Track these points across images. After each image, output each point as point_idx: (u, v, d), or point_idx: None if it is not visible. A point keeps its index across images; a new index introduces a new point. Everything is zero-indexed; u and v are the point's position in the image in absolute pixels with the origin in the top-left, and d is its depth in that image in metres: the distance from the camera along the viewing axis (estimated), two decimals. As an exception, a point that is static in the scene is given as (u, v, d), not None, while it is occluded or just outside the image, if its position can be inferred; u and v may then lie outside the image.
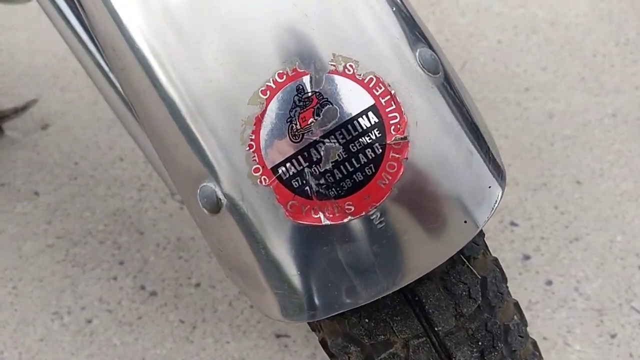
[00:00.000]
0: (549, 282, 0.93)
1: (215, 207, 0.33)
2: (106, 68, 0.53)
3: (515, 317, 0.39)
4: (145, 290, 0.94)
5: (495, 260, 0.40)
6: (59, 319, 0.92)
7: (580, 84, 1.24)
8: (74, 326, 0.91)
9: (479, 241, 0.38)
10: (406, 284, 0.33)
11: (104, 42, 0.35)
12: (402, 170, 0.31)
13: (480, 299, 0.36)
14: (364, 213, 0.31)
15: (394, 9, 0.34)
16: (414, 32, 0.35)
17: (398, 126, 0.31)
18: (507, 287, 0.39)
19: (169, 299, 0.93)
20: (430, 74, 0.33)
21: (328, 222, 0.31)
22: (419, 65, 0.33)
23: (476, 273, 0.36)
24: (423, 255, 0.33)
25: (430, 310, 0.35)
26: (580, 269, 0.94)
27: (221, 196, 0.33)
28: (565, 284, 0.92)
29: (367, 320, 0.35)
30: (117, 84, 0.51)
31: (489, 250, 0.39)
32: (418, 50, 0.34)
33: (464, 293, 0.35)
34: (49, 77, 1.32)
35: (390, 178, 0.31)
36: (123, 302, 0.93)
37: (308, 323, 0.41)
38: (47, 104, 1.26)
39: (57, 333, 0.90)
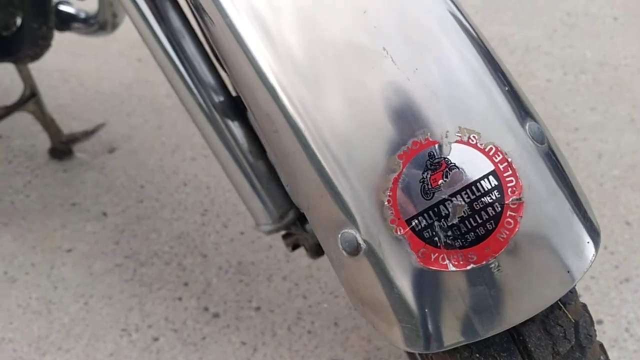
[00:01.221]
0: (600, 322, 0.95)
1: (355, 250, 0.38)
2: (206, 109, 0.58)
3: (601, 357, 0.43)
4: (209, 312, 0.99)
5: (584, 306, 0.44)
6: (128, 335, 0.97)
7: (629, 125, 1.26)
8: (141, 343, 0.96)
9: (573, 289, 0.42)
10: (515, 325, 0.38)
11: (257, 108, 0.40)
12: (517, 226, 0.37)
13: (574, 340, 0.40)
14: (484, 262, 0.36)
15: (507, 88, 0.40)
16: (523, 107, 0.40)
17: (514, 189, 0.37)
18: (594, 330, 0.43)
19: (231, 321, 0.98)
20: (538, 144, 0.39)
21: (453, 269, 0.36)
22: (529, 137, 0.39)
23: (570, 317, 0.40)
24: (531, 300, 0.38)
25: (532, 349, 0.40)
26: (631, 310, 0.96)
27: (361, 242, 0.38)
28: (616, 324, 0.94)
29: (477, 354, 0.40)
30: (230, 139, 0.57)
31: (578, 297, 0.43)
32: (527, 124, 0.39)
33: (561, 334, 0.40)
34: (115, 103, 1.39)
35: (507, 233, 0.37)
36: (188, 322, 0.98)
37: (419, 354, 0.46)
38: (114, 128, 1.33)
39: (126, 349, 0.95)
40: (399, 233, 0.37)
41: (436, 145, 0.37)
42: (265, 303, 1.00)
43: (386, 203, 0.36)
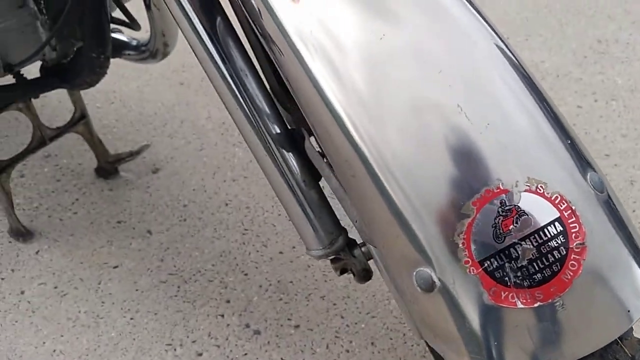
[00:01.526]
0: None
1: (429, 287, 0.42)
2: (264, 140, 0.62)
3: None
4: (250, 329, 1.03)
5: (639, 341, 0.47)
6: (172, 350, 1.01)
7: (660, 152, 1.28)
8: (185, 358, 1.00)
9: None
10: (578, 358, 0.41)
11: (336, 154, 0.44)
12: (581, 268, 0.41)
13: (630, 373, 0.44)
14: (549, 300, 0.40)
15: (569, 142, 0.44)
16: (584, 159, 0.44)
17: (578, 234, 0.41)
18: (648, 364, 0.46)
19: (272, 338, 1.01)
20: (598, 193, 0.43)
21: (522, 306, 0.40)
22: (590, 186, 0.43)
23: (627, 352, 0.44)
24: (592, 336, 0.41)
25: (591, 380, 0.43)
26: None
27: (435, 280, 0.41)
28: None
29: (540, 385, 0.43)
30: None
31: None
32: (589, 174, 0.43)
33: (618, 368, 0.43)
34: (158, 124, 1.45)
35: (571, 274, 0.40)
36: (230, 338, 1.02)
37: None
38: (157, 149, 1.38)
39: (171, 363, 0.99)
40: (472, 273, 0.41)
41: (507, 194, 0.41)
42: (304, 321, 1.04)
43: (461, 245, 0.40)
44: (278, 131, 0.63)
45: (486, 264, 0.41)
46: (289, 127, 0.64)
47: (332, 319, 1.04)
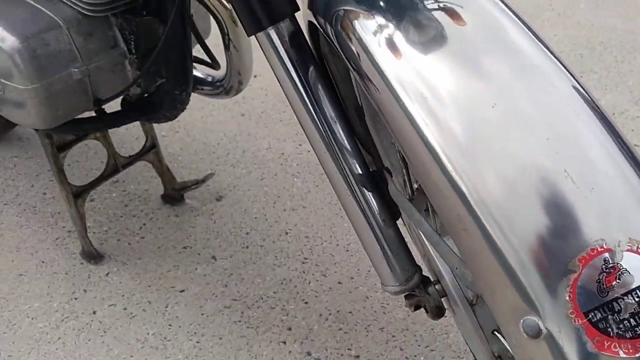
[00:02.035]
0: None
1: (536, 334, 0.45)
2: (348, 180, 0.66)
3: None
4: (311, 357, 1.06)
5: None
6: (237, 374, 1.05)
7: None
8: (249, 382, 1.04)
9: None
10: None
11: (449, 210, 0.48)
12: None
13: None
14: None
15: None
16: None
17: None
18: None
19: (332, 367, 1.04)
20: None
21: (624, 355, 0.43)
22: None
23: None
24: None
25: None
26: None
27: (542, 328, 0.45)
28: None
29: None
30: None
31: None
32: None
33: None
34: (221, 153, 1.51)
35: None
36: (292, 365, 1.05)
37: None
38: (220, 178, 1.44)
39: (235, 387, 1.03)
40: (577, 323, 0.44)
41: (610, 253, 0.45)
42: (364, 352, 1.07)
43: (567, 298, 0.43)
44: (360, 172, 0.67)
45: (590, 315, 0.44)
46: (371, 169, 0.68)
47: (391, 350, 1.07)
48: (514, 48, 0.53)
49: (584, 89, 0.51)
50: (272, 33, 0.62)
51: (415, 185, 0.72)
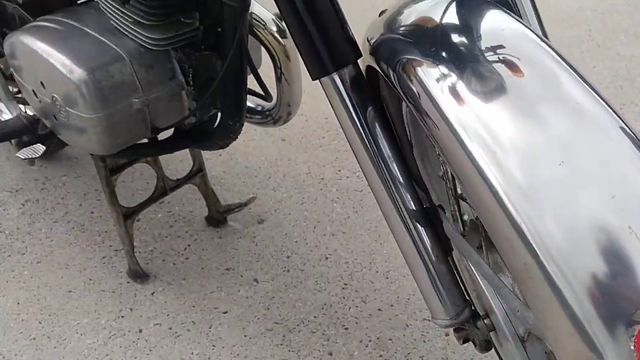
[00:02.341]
0: None
1: None
2: (402, 215, 0.69)
3: None
4: (352, 382, 1.08)
5: None
6: (278, 396, 1.07)
7: None
8: (290, 405, 1.06)
9: None
10: None
11: (515, 258, 0.50)
12: None
13: None
14: None
15: None
16: None
17: None
18: None
19: (372, 393, 1.06)
20: None
21: None
22: None
23: None
24: None
25: None
26: None
27: None
28: None
29: None
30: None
31: None
32: None
33: None
34: (262, 177, 1.55)
35: None
36: (333, 389, 1.07)
37: None
38: (262, 201, 1.47)
39: (277, 409, 1.05)
40: None
41: None
42: (403, 379, 1.08)
43: (632, 347, 0.45)
44: (414, 208, 0.69)
45: None
46: (424, 205, 0.70)
47: (431, 378, 1.08)
48: (570, 98, 0.56)
49: (638, 138, 0.53)
50: (336, 78, 0.65)
51: (467, 220, 0.75)
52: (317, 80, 0.67)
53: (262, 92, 1.04)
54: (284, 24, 1.01)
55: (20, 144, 1.09)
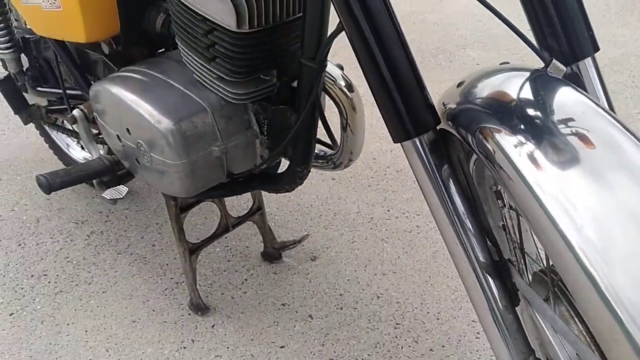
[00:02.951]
0: None
1: None
2: (474, 266, 0.75)
3: None
4: (406, 419, 1.13)
5: None
6: None
7: None
8: None
9: None
10: None
11: (599, 321, 0.55)
12: None
13: None
14: None
15: None
16: None
17: None
18: None
19: None
20: None
21: None
22: None
23: None
24: None
25: None
26: None
27: None
28: None
29: None
30: None
31: None
32: None
33: None
34: (314, 215, 1.61)
35: None
36: None
37: None
38: (314, 238, 1.54)
39: None
40: None
41: None
42: (456, 418, 1.12)
43: None
44: (485, 260, 0.75)
45: None
46: (494, 259, 0.76)
47: (483, 419, 1.12)
48: (635, 167, 0.61)
49: None
50: (417, 142, 0.71)
51: (532, 272, 0.80)
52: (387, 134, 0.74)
53: (329, 142, 1.11)
54: (350, 78, 1.09)
55: (100, 183, 1.18)
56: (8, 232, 1.64)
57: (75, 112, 1.22)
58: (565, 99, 0.67)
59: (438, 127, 0.76)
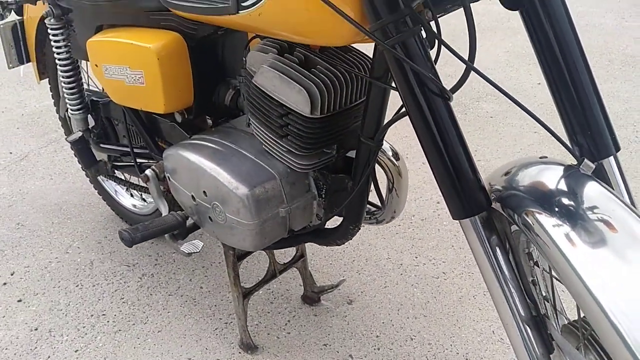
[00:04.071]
0: None
1: None
2: (517, 320, 0.90)
3: None
4: None
5: None
6: None
7: None
8: None
9: None
10: None
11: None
12: None
13: None
14: None
15: None
16: None
17: None
18: None
19: None
20: None
21: None
22: None
23: None
24: None
25: None
26: None
27: None
28: None
29: None
30: None
31: None
32: None
33: None
34: (347, 260, 1.76)
35: None
36: None
37: None
38: (349, 283, 1.69)
39: None
40: None
41: None
42: None
43: None
44: (525, 315, 0.90)
45: None
46: (533, 313, 0.91)
47: None
48: None
49: None
50: (474, 220, 0.87)
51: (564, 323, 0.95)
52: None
53: (377, 203, 1.27)
54: (396, 148, 1.25)
55: (172, 236, 1.33)
56: (65, 274, 1.78)
57: (148, 172, 1.37)
58: (593, 192, 0.83)
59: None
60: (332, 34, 0.91)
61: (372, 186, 1.21)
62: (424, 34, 0.86)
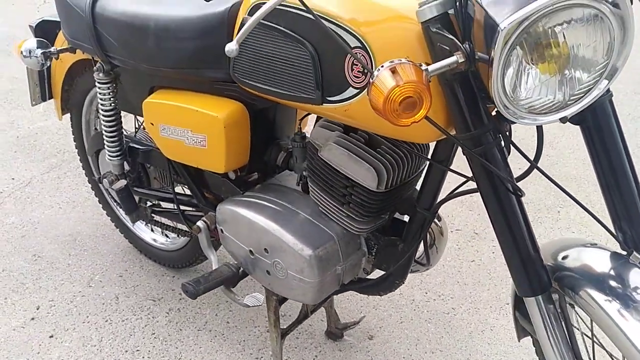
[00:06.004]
0: None
1: None
2: None
3: None
4: None
5: None
6: None
7: None
8: None
9: None
10: None
11: None
12: None
13: None
14: None
15: None
16: None
17: None
18: None
19: None
20: None
21: None
22: None
23: None
24: None
25: None
26: None
27: None
28: None
29: None
30: None
31: None
32: None
33: None
34: (362, 296, 1.90)
35: None
36: None
37: None
38: (367, 318, 1.82)
39: None
40: None
41: None
42: None
43: None
44: None
45: None
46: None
47: None
48: None
49: None
50: (539, 299, 1.02)
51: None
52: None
53: (424, 262, 1.41)
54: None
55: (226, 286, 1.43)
56: (92, 308, 1.84)
57: (200, 223, 1.47)
58: (636, 275, 0.99)
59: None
60: (418, 134, 1.04)
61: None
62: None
